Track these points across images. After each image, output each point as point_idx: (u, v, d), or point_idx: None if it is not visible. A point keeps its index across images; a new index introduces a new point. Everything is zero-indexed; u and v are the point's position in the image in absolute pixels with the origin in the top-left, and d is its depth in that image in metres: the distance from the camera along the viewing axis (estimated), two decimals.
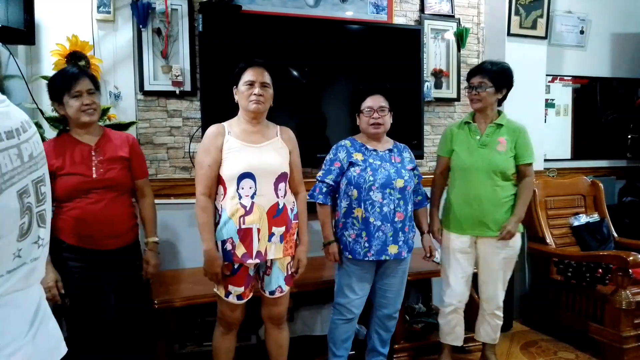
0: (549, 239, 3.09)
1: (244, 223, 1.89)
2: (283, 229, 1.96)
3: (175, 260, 2.70)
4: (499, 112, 2.38)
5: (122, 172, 1.95)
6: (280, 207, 1.95)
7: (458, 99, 3.28)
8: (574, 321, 2.85)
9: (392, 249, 2.18)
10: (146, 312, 2.11)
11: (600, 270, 2.74)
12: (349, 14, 3.02)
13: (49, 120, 2.22)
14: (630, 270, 2.54)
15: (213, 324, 2.13)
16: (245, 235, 1.90)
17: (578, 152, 3.66)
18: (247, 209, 1.89)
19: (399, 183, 2.19)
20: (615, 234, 3.25)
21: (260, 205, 1.90)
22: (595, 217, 3.26)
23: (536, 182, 3.16)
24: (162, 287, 2.36)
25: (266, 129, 2.02)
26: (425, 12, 3.15)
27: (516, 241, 2.37)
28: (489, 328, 2.50)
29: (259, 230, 1.90)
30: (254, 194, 1.89)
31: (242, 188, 1.89)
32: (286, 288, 2.03)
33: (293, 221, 2.02)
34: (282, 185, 1.97)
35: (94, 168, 1.87)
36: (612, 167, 3.75)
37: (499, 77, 2.28)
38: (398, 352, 2.68)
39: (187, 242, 2.67)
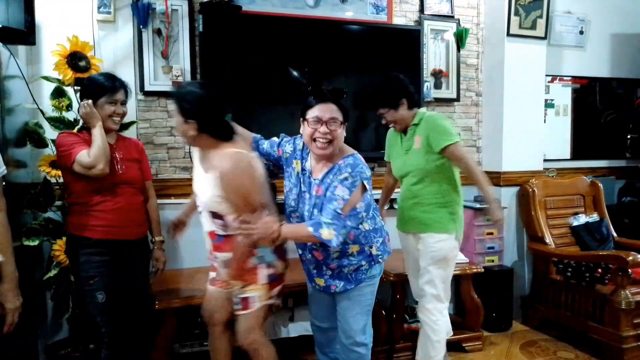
0: (549, 239, 3.09)
1: None
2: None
3: (175, 260, 2.71)
4: (417, 113, 2.25)
5: (139, 171, 2.11)
6: None
7: (458, 99, 3.28)
8: (573, 321, 2.86)
9: (319, 281, 1.96)
10: (149, 310, 2.17)
11: (599, 270, 2.75)
12: (348, 14, 3.02)
13: (50, 120, 2.23)
14: (629, 270, 2.54)
15: None
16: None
17: (577, 152, 3.67)
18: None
19: None
20: (615, 234, 3.25)
21: None
22: (595, 217, 3.26)
23: (536, 182, 3.17)
24: (162, 287, 2.36)
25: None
26: (425, 13, 3.16)
27: (435, 242, 2.22)
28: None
29: None
30: None
31: None
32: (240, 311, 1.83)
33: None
34: None
35: (117, 165, 1.99)
36: (612, 167, 3.76)
37: (389, 97, 2.19)
38: (398, 352, 2.68)
39: (187, 242, 2.66)
